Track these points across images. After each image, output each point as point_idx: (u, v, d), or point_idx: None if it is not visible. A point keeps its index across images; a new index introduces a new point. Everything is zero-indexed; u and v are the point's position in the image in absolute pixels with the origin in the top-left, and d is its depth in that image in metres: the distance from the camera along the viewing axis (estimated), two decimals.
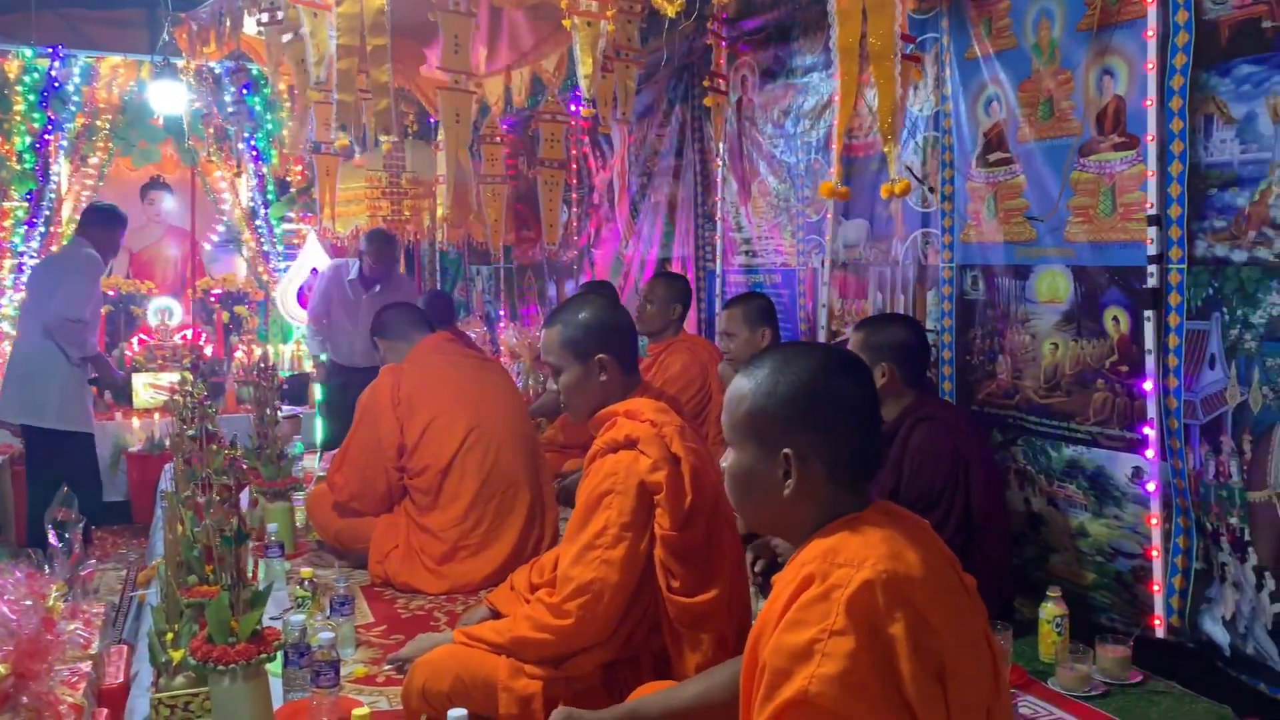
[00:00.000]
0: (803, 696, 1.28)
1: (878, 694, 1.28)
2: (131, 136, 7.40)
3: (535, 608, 2.21)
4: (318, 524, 3.78)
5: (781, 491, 1.48)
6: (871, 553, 1.35)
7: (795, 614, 1.34)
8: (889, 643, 1.30)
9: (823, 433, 1.47)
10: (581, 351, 2.35)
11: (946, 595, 1.38)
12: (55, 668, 2.49)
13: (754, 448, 1.51)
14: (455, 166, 4.30)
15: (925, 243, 3.65)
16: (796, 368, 1.50)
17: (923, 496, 2.83)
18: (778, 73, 4.46)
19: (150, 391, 6.79)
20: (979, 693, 1.39)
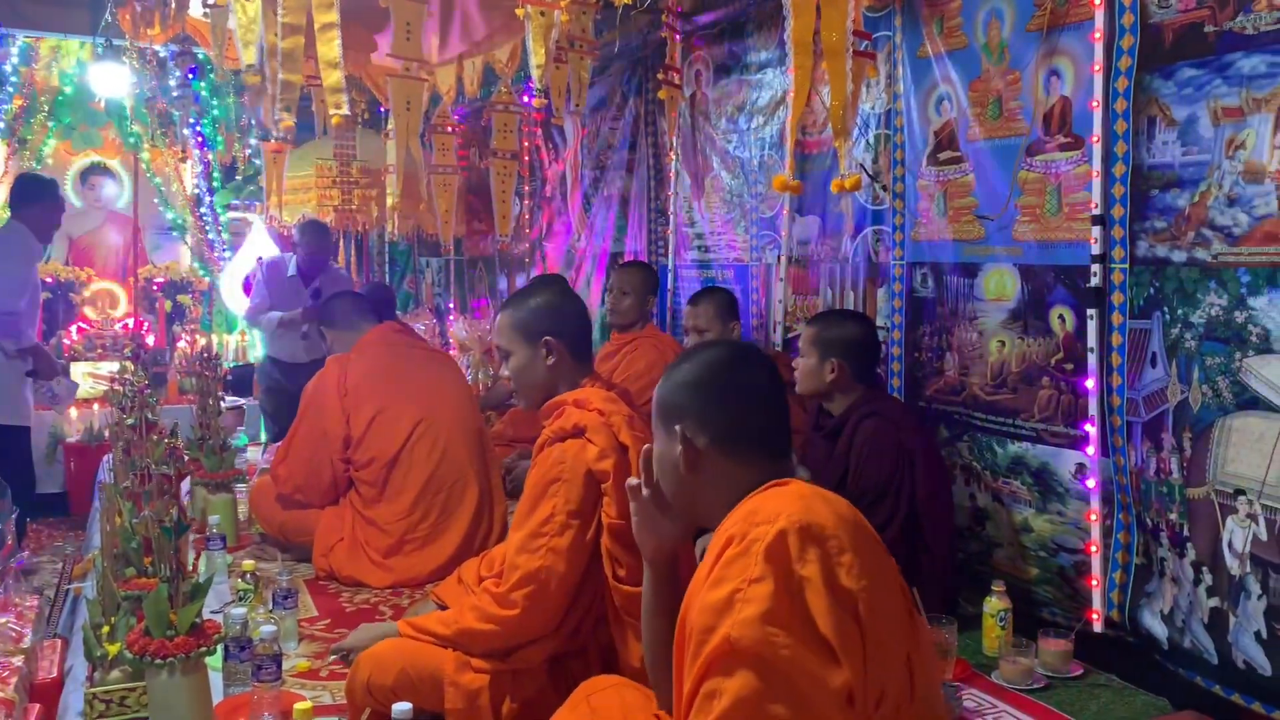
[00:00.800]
0: (726, 644, 1.32)
1: (797, 630, 1.32)
2: (72, 119, 7.24)
3: (481, 598, 2.20)
4: (261, 516, 3.72)
5: (680, 469, 1.59)
6: (785, 507, 1.41)
7: (718, 573, 1.39)
8: (803, 582, 1.34)
9: (711, 410, 1.59)
10: (530, 333, 2.37)
11: (858, 543, 1.42)
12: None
13: (660, 432, 1.65)
14: (406, 155, 4.26)
15: (876, 240, 3.68)
16: (696, 359, 1.66)
17: (868, 491, 2.86)
18: (731, 68, 4.46)
19: (89, 381, 6.65)
20: (896, 636, 1.42)
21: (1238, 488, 2.34)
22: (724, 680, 1.32)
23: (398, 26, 3.43)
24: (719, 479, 1.58)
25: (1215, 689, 2.43)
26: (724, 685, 1.31)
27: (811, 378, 3.08)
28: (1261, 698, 2.31)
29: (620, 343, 4.33)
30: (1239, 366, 2.32)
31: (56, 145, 7.31)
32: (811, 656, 1.32)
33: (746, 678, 1.30)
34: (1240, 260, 2.32)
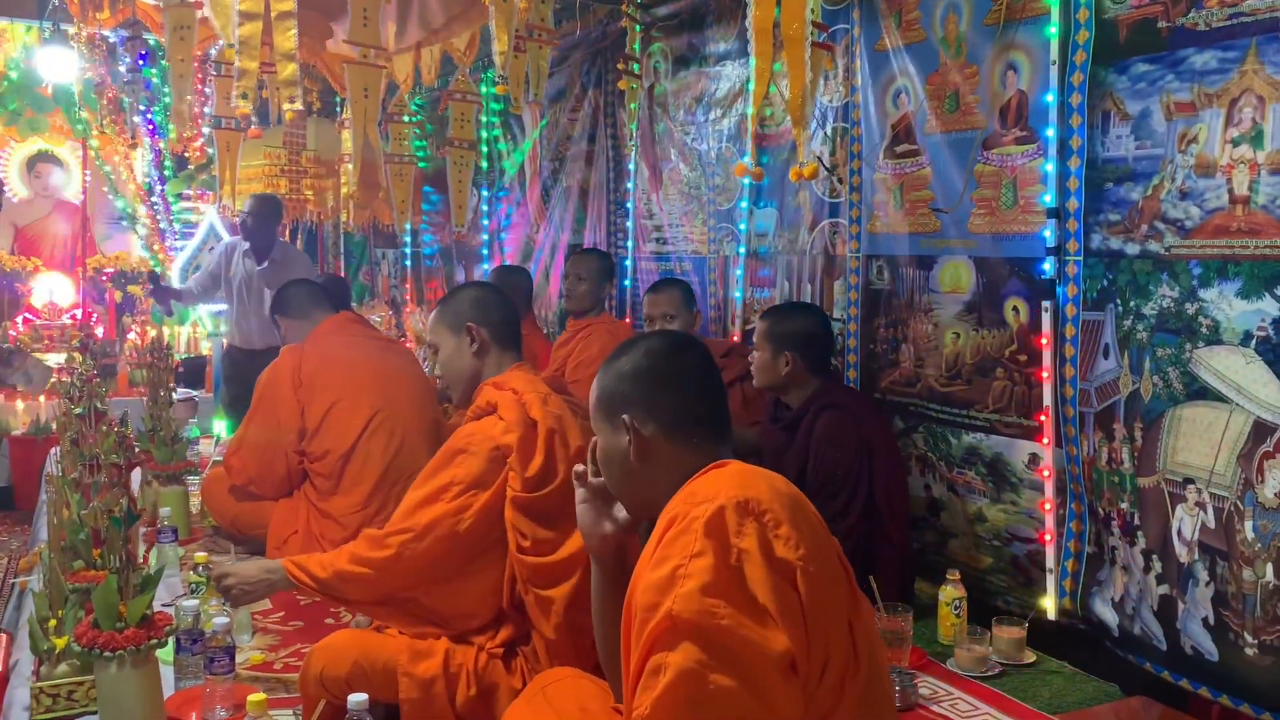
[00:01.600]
0: (668, 619, 1.34)
1: (737, 599, 1.34)
2: (18, 105, 7.07)
3: (359, 542, 2.23)
4: (214, 508, 3.66)
5: (630, 458, 1.62)
6: (723, 485, 1.45)
7: (660, 552, 1.42)
8: (741, 554, 1.37)
9: (652, 394, 1.63)
10: (454, 324, 2.43)
11: (795, 516, 1.44)
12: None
13: (603, 425, 1.67)
14: (363, 143, 4.21)
15: (833, 233, 3.69)
16: (628, 350, 1.70)
17: (827, 482, 2.88)
18: (690, 60, 4.46)
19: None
20: (836, 604, 1.44)
21: (1187, 476, 2.38)
22: (668, 654, 1.33)
23: (355, 12, 3.39)
24: (666, 465, 1.60)
25: (1164, 674, 2.47)
26: (668, 659, 1.33)
27: (766, 372, 3.10)
28: (1208, 682, 2.36)
29: (575, 329, 4.34)
30: (1189, 357, 2.36)
31: (2, 132, 7.14)
32: (752, 624, 1.34)
33: (689, 650, 1.32)
34: (1192, 253, 2.36)
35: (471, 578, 2.21)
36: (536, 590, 2.16)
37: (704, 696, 1.31)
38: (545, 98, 5.28)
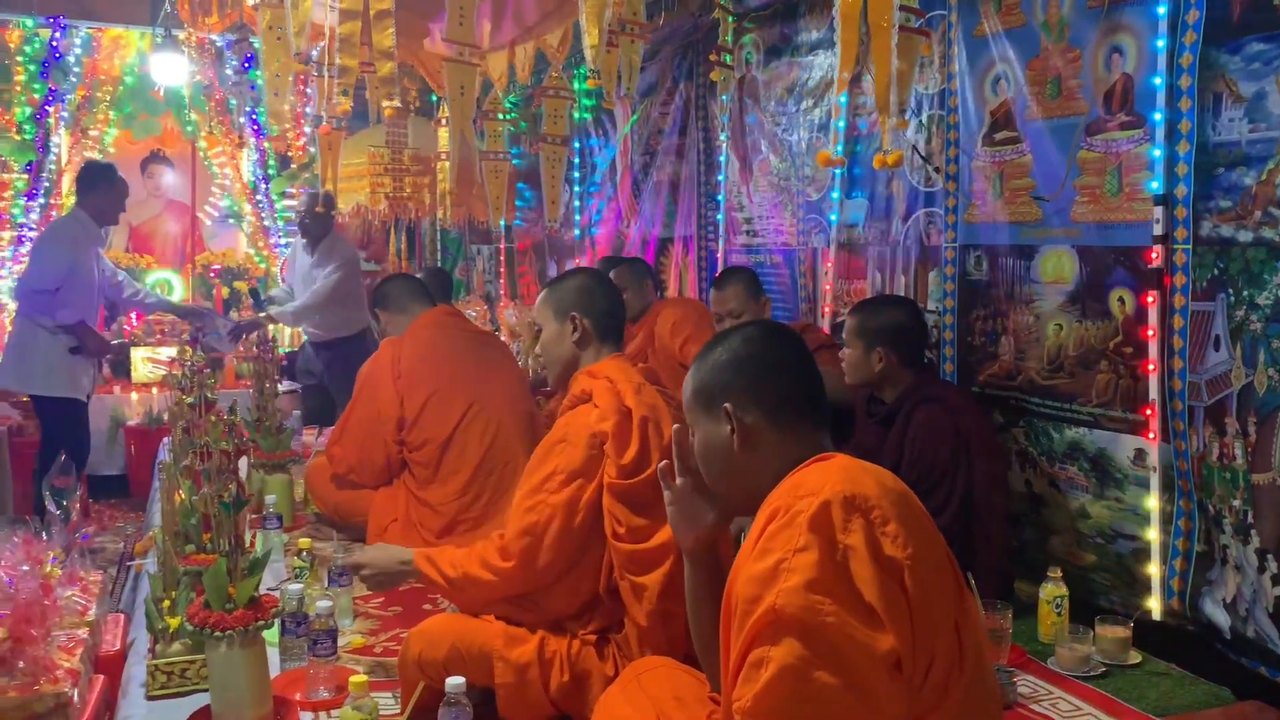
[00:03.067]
0: (771, 613, 1.33)
1: (842, 597, 1.32)
2: (133, 109, 7.36)
3: (486, 547, 2.27)
4: (317, 496, 3.78)
5: (734, 449, 1.60)
6: (829, 479, 1.43)
7: (763, 544, 1.41)
8: (848, 550, 1.35)
9: (754, 383, 1.61)
10: (558, 310, 2.45)
11: (903, 512, 1.42)
12: (52, 633, 2.49)
13: (703, 417, 1.65)
14: (459, 141, 4.27)
15: (928, 222, 3.63)
16: (729, 338, 1.68)
17: (924, 477, 2.83)
18: (782, 50, 4.43)
19: (149, 366, 6.77)
20: (943, 604, 1.42)
21: None
22: (770, 648, 1.32)
23: (451, 12, 3.45)
24: (769, 454, 1.58)
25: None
26: (770, 653, 1.32)
27: (859, 368, 3.06)
28: None
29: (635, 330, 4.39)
30: None
31: (118, 134, 7.44)
32: (857, 623, 1.32)
33: (792, 645, 1.31)
34: None
35: (578, 568, 2.24)
36: (631, 577, 2.17)
37: (806, 693, 1.30)
38: (637, 92, 5.29)
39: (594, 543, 2.23)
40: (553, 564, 2.20)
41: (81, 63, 7.04)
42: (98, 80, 7.16)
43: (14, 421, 5.99)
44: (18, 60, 6.84)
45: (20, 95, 6.86)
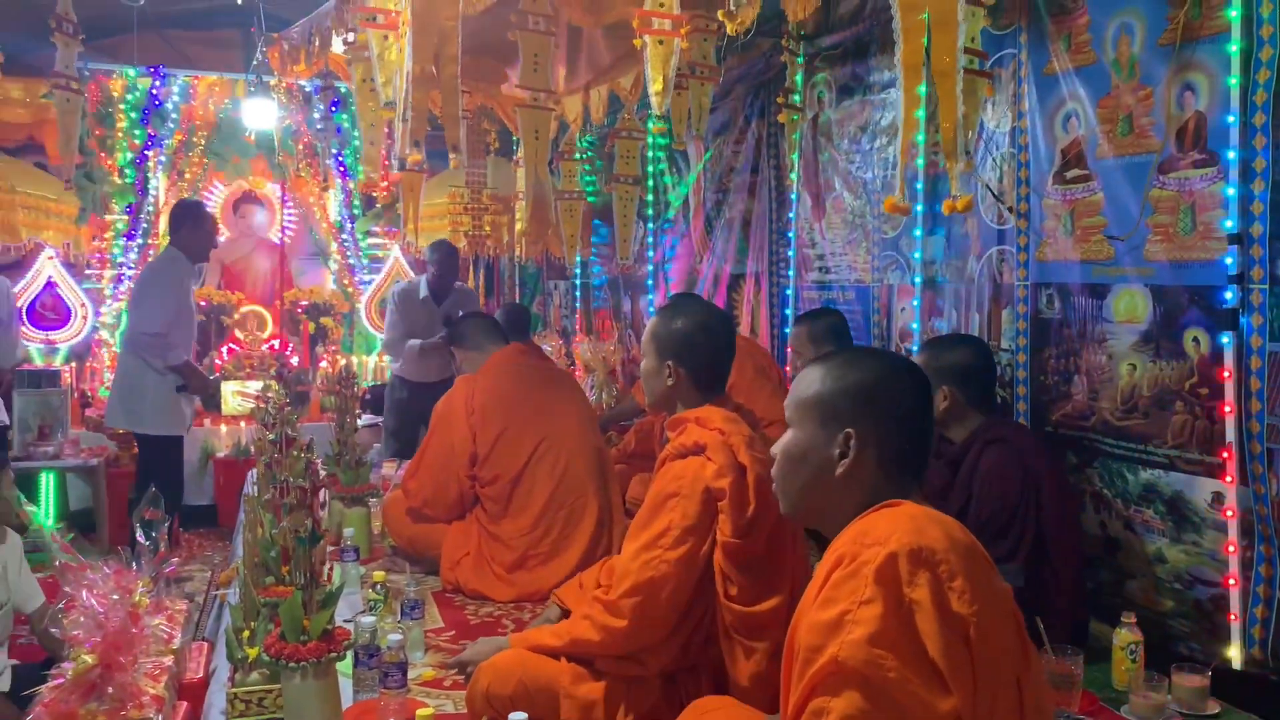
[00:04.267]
0: (833, 664, 1.33)
1: (905, 652, 1.32)
2: (225, 152, 7.68)
3: (593, 608, 2.25)
4: (392, 529, 3.87)
5: (834, 471, 1.57)
6: (896, 528, 1.41)
7: (827, 593, 1.40)
8: (913, 606, 1.34)
9: (882, 423, 1.57)
10: (659, 350, 2.45)
11: (970, 566, 1.40)
12: (140, 660, 2.60)
13: (815, 427, 1.61)
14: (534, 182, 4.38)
15: (1001, 260, 3.60)
16: (868, 361, 1.64)
17: (992, 519, 2.79)
18: (854, 89, 4.45)
19: (238, 399, 7.01)
20: (1007, 660, 1.40)
21: None
22: (830, 699, 1.33)
23: (525, 58, 3.55)
24: (862, 490, 1.56)
25: None
26: (830, 704, 1.33)
27: None
28: None
29: None
30: None
31: (211, 176, 7.76)
32: (920, 681, 1.32)
33: (853, 698, 1.32)
34: None
35: (686, 622, 2.23)
36: (741, 639, 2.16)
37: None
38: (709, 131, 5.36)
39: (701, 598, 2.22)
40: (667, 620, 2.19)
41: (179, 109, 7.38)
42: (193, 125, 7.49)
43: (110, 453, 6.26)
44: (120, 108, 7.20)
45: (122, 141, 7.22)
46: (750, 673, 2.13)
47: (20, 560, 3.49)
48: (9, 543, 3.45)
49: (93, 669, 2.50)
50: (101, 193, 7.18)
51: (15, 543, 3.49)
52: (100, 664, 2.50)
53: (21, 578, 3.48)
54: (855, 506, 1.53)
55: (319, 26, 4.51)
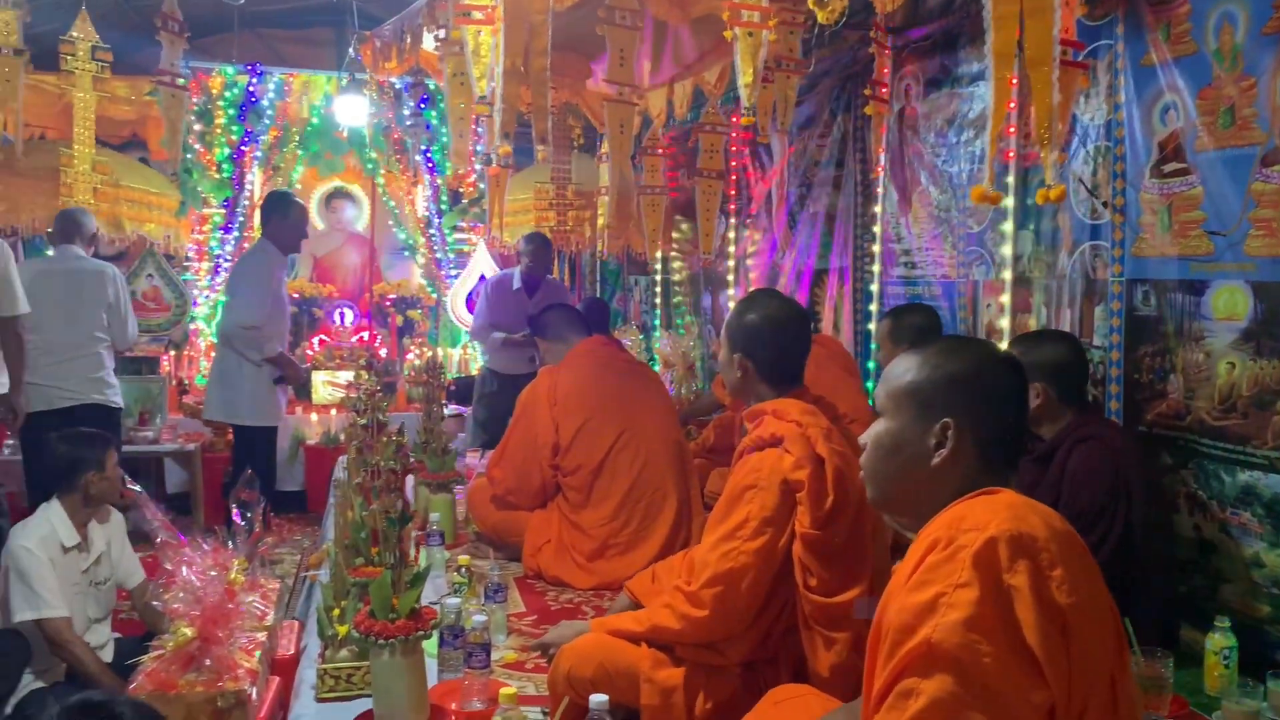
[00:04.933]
0: (925, 646, 1.31)
1: (1001, 639, 1.30)
2: (318, 148, 7.87)
3: (674, 596, 2.27)
4: (476, 516, 3.95)
5: (929, 461, 1.54)
6: (995, 516, 1.39)
7: (921, 575, 1.38)
8: (1011, 592, 1.32)
9: (981, 412, 1.54)
10: (731, 343, 2.47)
11: (1069, 556, 1.38)
12: (235, 635, 2.70)
13: (911, 416, 1.58)
14: (618, 176, 4.42)
15: (1094, 256, 3.52)
16: (966, 349, 1.61)
17: (1079, 518, 2.73)
18: (943, 81, 4.39)
19: (328, 389, 7.19)
20: (1103, 654, 1.38)
21: None
22: (921, 681, 1.31)
23: (612, 53, 3.58)
24: (957, 479, 1.53)
25: None
26: (921, 686, 1.31)
27: None
28: None
29: None
30: None
31: (304, 172, 7.97)
32: (1016, 668, 1.30)
33: (945, 681, 1.30)
34: None
35: (765, 613, 2.24)
36: (821, 629, 2.16)
37: None
38: (793, 125, 5.34)
39: (780, 589, 2.23)
40: (747, 611, 2.20)
41: (274, 106, 7.59)
42: (288, 122, 7.69)
43: (206, 439, 6.48)
44: (219, 105, 7.44)
45: (220, 136, 7.45)
46: (831, 663, 2.13)
47: (123, 538, 3.64)
48: (112, 521, 3.60)
49: (191, 641, 2.60)
50: (200, 187, 7.42)
51: (118, 521, 3.64)
52: (198, 637, 2.60)
53: (124, 555, 3.63)
54: (949, 497, 1.50)
55: (410, 24, 4.61)
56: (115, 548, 3.59)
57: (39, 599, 3.22)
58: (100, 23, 5.07)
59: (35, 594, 3.21)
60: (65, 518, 3.39)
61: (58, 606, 3.25)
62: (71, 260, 5.00)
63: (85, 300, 4.94)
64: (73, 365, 4.88)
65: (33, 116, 6.53)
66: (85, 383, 4.92)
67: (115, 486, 3.55)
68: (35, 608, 3.21)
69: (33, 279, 4.68)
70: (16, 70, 4.26)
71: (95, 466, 3.44)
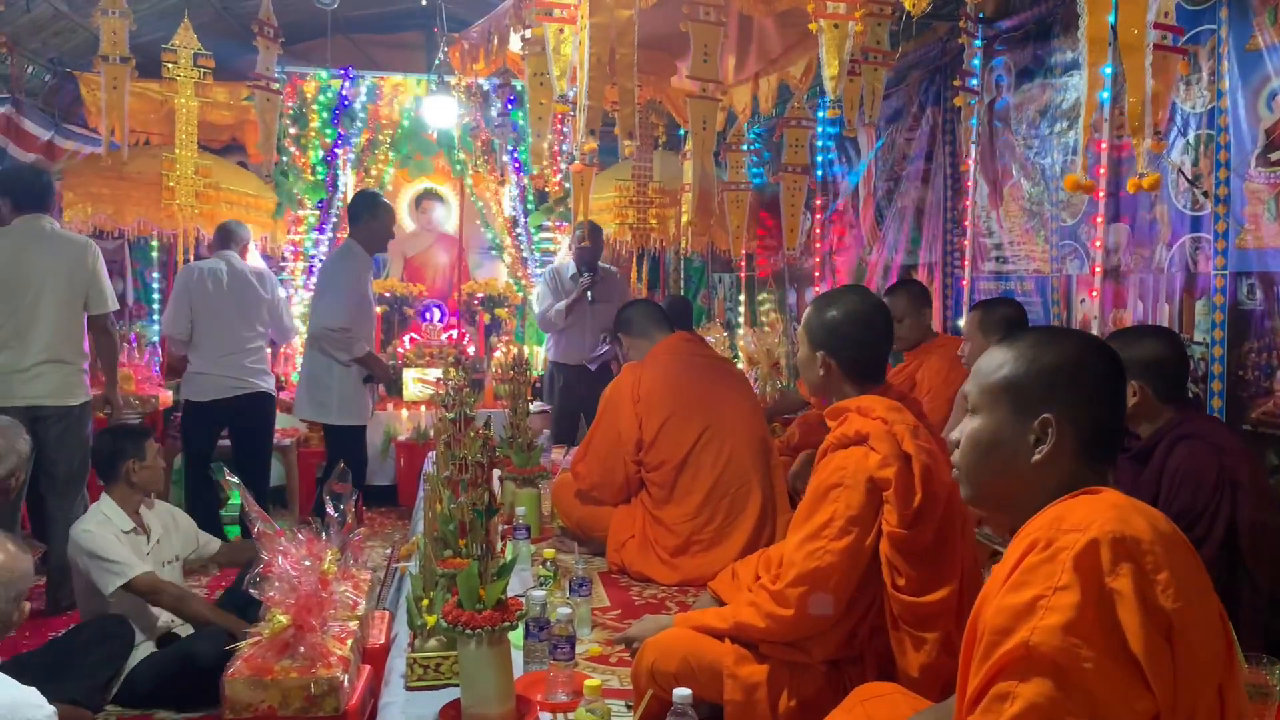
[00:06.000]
0: (1023, 649, 1.28)
1: (1102, 645, 1.26)
2: (409, 149, 8.02)
3: (759, 594, 2.25)
4: (561, 510, 3.99)
5: (1029, 458, 1.50)
6: (1098, 516, 1.34)
7: (1019, 577, 1.34)
8: (1114, 596, 1.28)
9: (1080, 407, 1.49)
10: (811, 340, 2.45)
11: (1177, 560, 1.33)
12: (328, 623, 2.77)
13: (1007, 413, 1.53)
14: (700, 173, 4.41)
15: (1195, 248, 3.41)
16: (1061, 343, 1.55)
17: (1180, 517, 2.63)
18: (1035, 71, 4.29)
19: (418, 386, 7.33)
20: (1211, 662, 1.33)
21: None
22: (1018, 684, 1.28)
23: (696, 49, 3.58)
24: (1057, 476, 1.49)
25: None
26: (1018, 689, 1.28)
27: None
28: None
29: (910, 357, 4.30)
30: None
31: (395, 173, 8.13)
32: (1118, 675, 1.26)
33: (1043, 685, 1.27)
34: None
35: (850, 613, 2.22)
36: (910, 629, 2.14)
37: None
38: (881, 118, 5.26)
39: (866, 588, 2.20)
40: (833, 610, 2.18)
41: (366, 109, 7.75)
42: (379, 124, 7.85)
43: (301, 434, 6.66)
44: (313, 108, 7.63)
45: (314, 139, 7.64)
46: (921, 664, 2.09)
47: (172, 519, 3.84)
48: (159, 506, 3.81)
49: (287, 629, 2.68)
50: (295, 189, 7.63)
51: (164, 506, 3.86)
52: (293, 624, 2.68)
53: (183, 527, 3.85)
54: (1047, 495, 1.46)
55: (497, 25, 4.66)
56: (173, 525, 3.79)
57: (118, 565, 3.42)
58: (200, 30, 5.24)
59: (113, 563, 3.43)
60: (116, 506, 3.62)
61: (137, 564, 3.45)
62: (235, 263, 5.48)
63: (249, 300, 5.43)
64: (239, 357, 5.36)
65: (137, 123, 6.77)
66: (252, 373, 5.40)
67: (156, 474, 3.78)
68: (120, 574, 3.41)
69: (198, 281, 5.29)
70: (124, 78, 4.42)
71: (135, 455, 3.68)
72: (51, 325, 4.50)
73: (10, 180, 4.67)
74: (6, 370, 4.42)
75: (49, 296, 4.50)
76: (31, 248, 4.48)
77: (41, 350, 4.47)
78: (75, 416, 4.58)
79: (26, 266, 4.45)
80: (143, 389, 6.08)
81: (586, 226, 5.99)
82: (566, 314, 6.05)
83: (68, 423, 4.52)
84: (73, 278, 4.55)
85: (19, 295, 4.43)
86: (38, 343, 4.46)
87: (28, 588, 2.58)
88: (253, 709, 2.61)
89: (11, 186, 4.62)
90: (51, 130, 6.31)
